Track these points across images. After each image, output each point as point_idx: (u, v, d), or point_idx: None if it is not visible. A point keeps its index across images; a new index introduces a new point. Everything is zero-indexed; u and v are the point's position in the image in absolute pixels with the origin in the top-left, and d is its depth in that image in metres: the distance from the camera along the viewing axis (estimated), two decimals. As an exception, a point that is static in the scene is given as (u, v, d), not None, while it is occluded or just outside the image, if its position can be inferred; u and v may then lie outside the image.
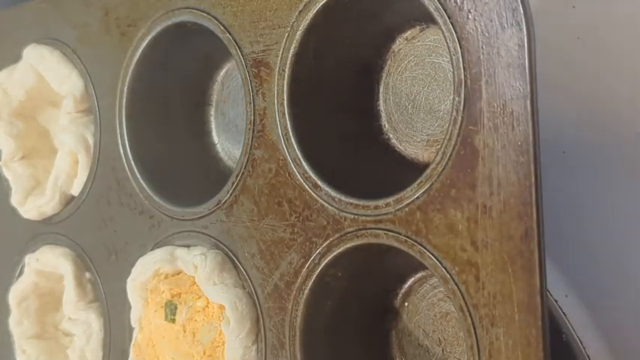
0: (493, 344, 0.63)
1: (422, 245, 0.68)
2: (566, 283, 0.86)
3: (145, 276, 0.90)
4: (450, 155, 0.65)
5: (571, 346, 0.84)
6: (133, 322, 0.93)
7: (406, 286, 0.84)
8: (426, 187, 0.67)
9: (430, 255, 0.68)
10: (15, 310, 1.08)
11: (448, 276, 0.66)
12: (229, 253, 0.85)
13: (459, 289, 0.65)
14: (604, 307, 0.86)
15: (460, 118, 0.64)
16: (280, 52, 0.79)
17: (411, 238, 0.69)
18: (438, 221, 0.67)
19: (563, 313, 0.85)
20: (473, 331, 0.65)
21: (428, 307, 0.82)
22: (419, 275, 0.83)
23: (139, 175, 0.94)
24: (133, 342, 0.92)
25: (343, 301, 0.80)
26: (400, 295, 0.84)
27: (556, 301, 0.85)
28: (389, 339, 0.85)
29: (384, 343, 0.85)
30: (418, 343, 0.82)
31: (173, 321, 0.87)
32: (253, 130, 0.82)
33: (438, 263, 0.67)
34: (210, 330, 0.84)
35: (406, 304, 0.84)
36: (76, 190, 1.02)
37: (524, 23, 0.60)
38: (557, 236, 0.80)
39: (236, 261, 0.84)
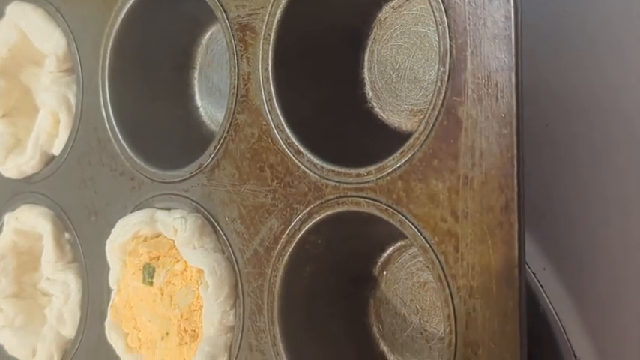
0: (470, 314, 0.64)
1: (402, 214, 0.68)
2: (544, 256, 0.87)
3: (124, 238, 0.90)
4: (433, 125, 0.65)
5: (547, 316, 0.85)
6: (112, 284, 0.93)
7: (385, 254, 0.84)
8: (408, 157, 0.67)
9: (410, 224, 0.68)
10: (-7, 268, 1.08)
11: (427, 246, 0.66)
12: (209, 217, 0.85)
13: (437, 258, 0.66)
14: (581, 279, 0.86)
15: (444, 88, 0.64)
16: (266, 17, 0.78)
17: (391, 207, 0.69)
18: (419, 191, 0.67)
19: (541, 286, 0.85)
20: (450, 300, 0.65)
21: (406, 276, 0.82)
22: (398, 244, 0.83)
23: (120, 137, 0.94)
24: (110, 303, 0.92)
25: (322, 267, 0.81)
26: (379, 263, 0.84)
27: (534, 274, 0.86)
28: (366, 307, 0.85)
29: (362, 311, 0.85)
30: (396, 312, 0.83)
31: (151, 284, 0.87)
32: (237, 94, 0.81)
33: (417, 233, 0.67)
34: (188, 294, 0.85)
35: (385, 272, 0.84)
36: (57, 149, 1.02)
37: (511, -6, 0.60)
38: (537, 209, 0.80)
39: (216, 225, 0.84)
